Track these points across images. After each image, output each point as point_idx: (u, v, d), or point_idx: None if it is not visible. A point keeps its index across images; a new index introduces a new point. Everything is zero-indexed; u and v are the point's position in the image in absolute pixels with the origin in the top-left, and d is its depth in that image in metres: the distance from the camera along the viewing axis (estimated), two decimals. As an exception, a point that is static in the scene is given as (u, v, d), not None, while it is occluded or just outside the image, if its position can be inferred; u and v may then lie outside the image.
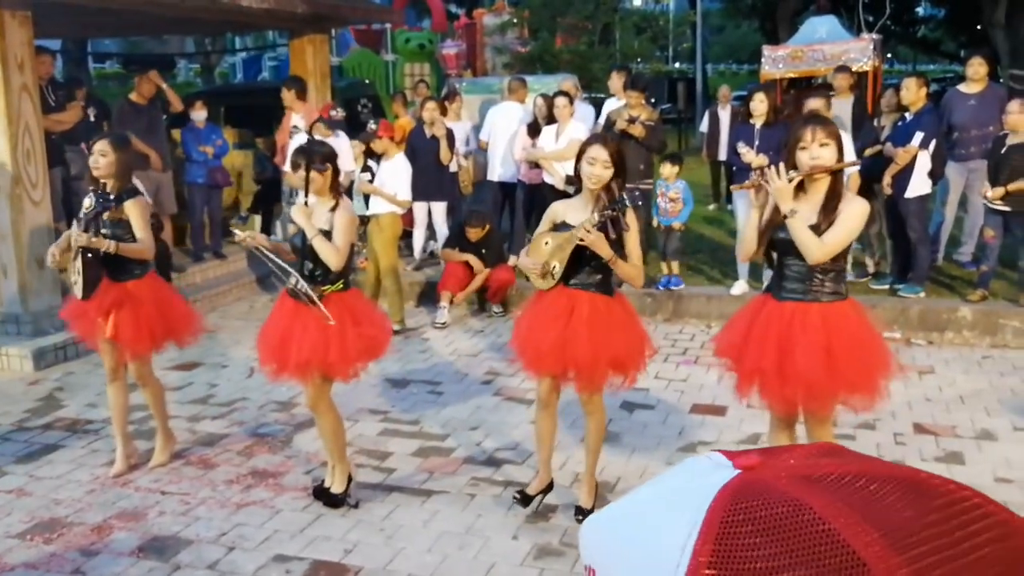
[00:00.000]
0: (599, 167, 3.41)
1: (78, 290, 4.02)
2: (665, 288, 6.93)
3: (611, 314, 3.50)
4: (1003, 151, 6.17)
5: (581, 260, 3.47)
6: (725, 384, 5.31)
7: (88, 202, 3.99)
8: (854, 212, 3.10)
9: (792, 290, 3.18)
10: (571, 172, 7.12)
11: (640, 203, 3.40)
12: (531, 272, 3.56)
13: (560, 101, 7.30)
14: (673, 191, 6.94)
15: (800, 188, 3.15)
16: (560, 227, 3.55)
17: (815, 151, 3.08)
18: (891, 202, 6.59)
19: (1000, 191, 6.10)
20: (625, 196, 3.37)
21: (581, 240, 3.36)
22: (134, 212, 4.04)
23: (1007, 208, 6.13)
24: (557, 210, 3.62)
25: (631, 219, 3.44)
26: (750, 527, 0.43)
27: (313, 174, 3.66)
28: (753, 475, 0.48)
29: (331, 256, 3.62)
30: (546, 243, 3.54)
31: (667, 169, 6.95)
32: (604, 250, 3.36)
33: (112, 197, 4.04)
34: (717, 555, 0.44)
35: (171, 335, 4.28)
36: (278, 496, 3.99)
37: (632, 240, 3.47)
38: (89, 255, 3.94)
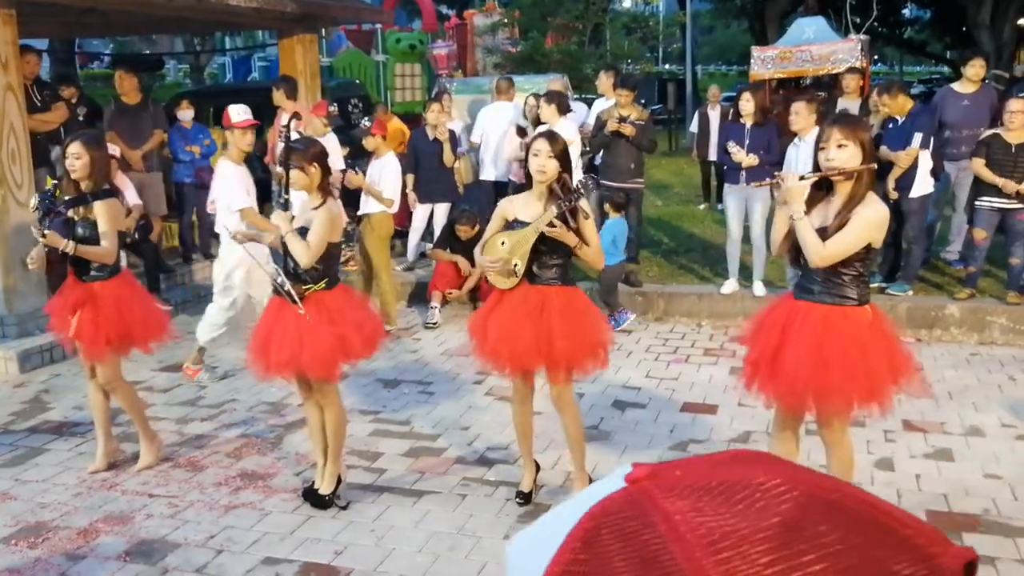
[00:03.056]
0: (543, 157, 3.48)
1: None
2: (618, 327, 6.40)
3: (577, 304, 3.60)
4: (1013, 150, 6.11)
5: (539, 254, 3.53)
6: (716, 383, 5.34)
7: (34, 201, 3.95)
8: (863, 218, 3.01)
9: (807, 289, 3.17)
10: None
11: (593, 189, 3.50)
12: (493, 271, 3.57)
13: (539, 102, 7.29)
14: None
15: (830, 189, 3.12)
16: (514, 224, 3.57)
17: (831, 152, 3.03)
18: (894, 203, 6.57)
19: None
20: (586, 181, 3.44)
21: (551, 227, 3.41)
22: (102, 213, 3.99)
23: (1019, 204, 6.10)
24: (507, 208, 3.64)
25: (584, 205, 3.51)
26: (602, 543, 0.45)
27: (294, 172, 3.64)
28: (632, 489, 0.48)
29: (300, 252, 3.58)
30: (502, 243, 3.57)
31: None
32: (570, 239, 3.45)
33: (68, 198, 4.00)
34: (566, 570, 0.45)
35: (131, 340, 4.18)
36: (268, 498, 3.96)
37: (590, 227, 3.55)
38: (50, 255, 3.92)
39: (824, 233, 3.05)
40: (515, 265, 3.53)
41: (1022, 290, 6.33)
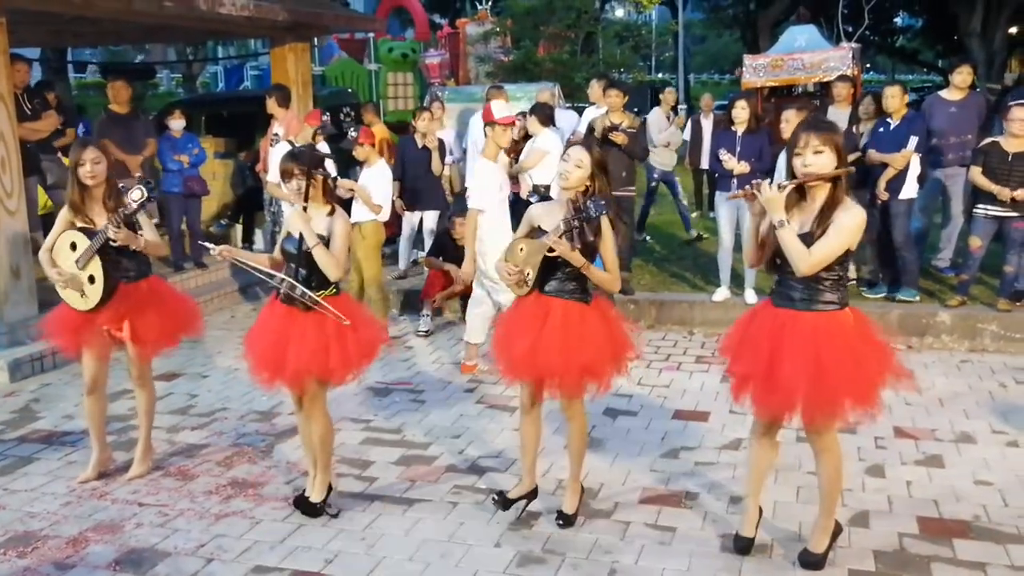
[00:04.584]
0: (571, 164, 3.45)
1: (91, 299, 3.91)
2: None
3: (583, 322, 3.49)
4: (1009, 159, 6.10)
5: (554, 267, 3.49)
6: (708, 390, 5.34)
7: (138, 194, 3.81)
8: (846, 222, 3.01)
9: (788, 297, 3.15)
10: (538, 182, 7.16)
11: (604, 211, 3.39)
12: (506, 278, 3.58)
13: (529, 116, 7.32)
14: None
15: (802, 195, 3.11)
16: (536, 232, 3.56)
17: (808, 158, 3.02)
18: (882, 207, 6.60)
19: (1021, 193, 6.02)
20: (591, 204, 3.33)
21: (550, 251, 3.39)
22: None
23: (1015, 213, 6.12)
24: (534, 214, 3.64)
25: (604, 226, 3.44)
26: None
27: (314, 183, 3.64)
28: None
29: (331, 266, 3.60)
30: (521, 249, 3.55)
31: None
32: (575, 259, 3.39)
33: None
34: None
35: (183, 329, 4.30)
36: (258, 506, 3.94)
37: (606, 246, 3.48)
38: (108, 260, 3.88)
39: (808, 239, 3.03)
40: (528, 274, 3.51)
41: (1013, 297, 6.36)
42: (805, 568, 3.30)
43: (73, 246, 3.95)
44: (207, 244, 3.95)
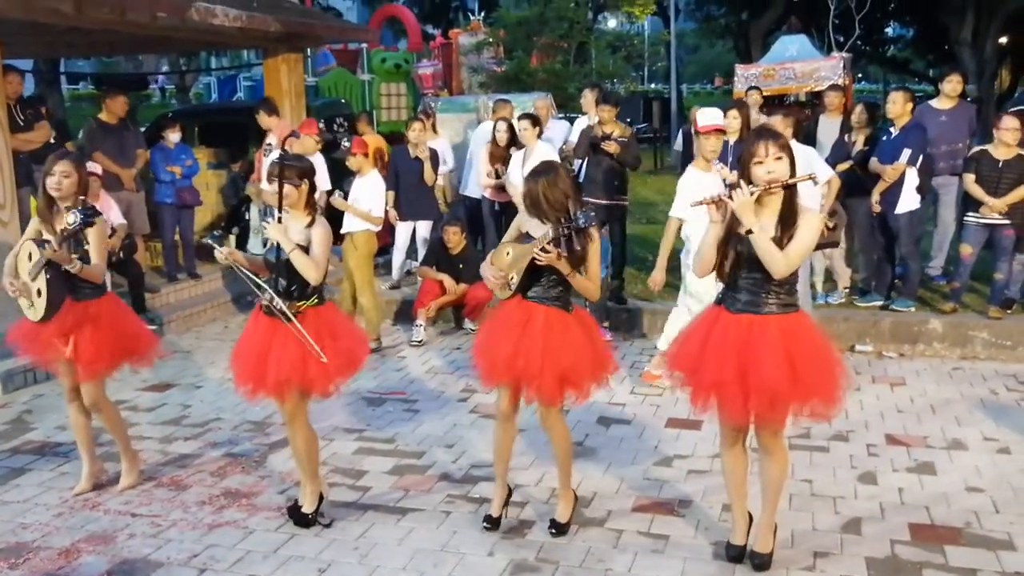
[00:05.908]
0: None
1: (38, 311, 3.91)
2: None
3: (566, 329, 3.51)
4: (999, 166, 6.18)
5: (539, 273, 3.51)
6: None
7: (72, 218, 3.82)
8: (812, 225, 3.14)
9: (747, 303, 3.17)
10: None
11: (594, 222, 3.42)
12: (490, 282, 3.60)
13: (522, 124, 7.34)
14: None
15: (755, 202, 3.14)
16: (524, 237, 3.58)
17: (771, 165, 3.08)
18: (880, 218, 6.63)
19: (1002, 203, 6.14)
20: (580, 215, 3.36)
21: (536, 259, 3.40)
22: (94, 232, 3.95)
23: (1005, 220, 6.18)
24: (523, 220, 3.66)
25: (593, 232, 3.47)
26: None
27: (287, 188, 3.64)
28: None
29: (310, 270, 3.59)
30: (507, 253, 3.58)
31: None
32: (562, 266, 3.41)
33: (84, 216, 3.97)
34: None
35: (129, 356, 4.18)
36: (251, 516, 3.93)
37: (592, 255, 3.50)
38: (54, 275, 3.86)
39: (777, 244, 3.08)
40: (511, 279, 3.54)
41: (1004, 305, 6.40)
42: (757, 570, 3.33)
43: (30, 256, 3.93)
44: (215, 244, 3.93)
